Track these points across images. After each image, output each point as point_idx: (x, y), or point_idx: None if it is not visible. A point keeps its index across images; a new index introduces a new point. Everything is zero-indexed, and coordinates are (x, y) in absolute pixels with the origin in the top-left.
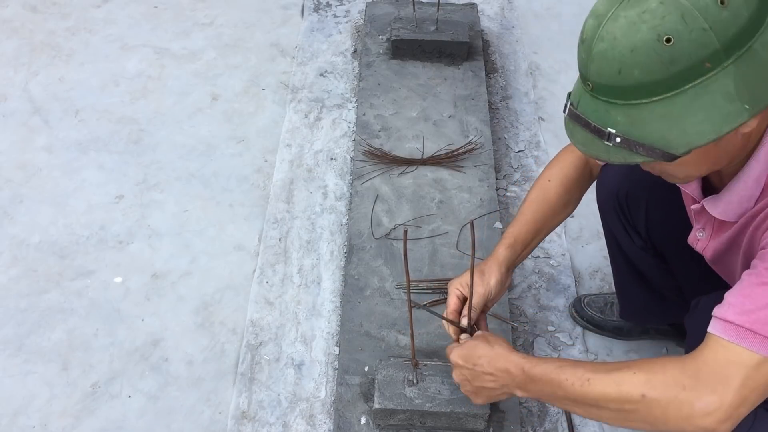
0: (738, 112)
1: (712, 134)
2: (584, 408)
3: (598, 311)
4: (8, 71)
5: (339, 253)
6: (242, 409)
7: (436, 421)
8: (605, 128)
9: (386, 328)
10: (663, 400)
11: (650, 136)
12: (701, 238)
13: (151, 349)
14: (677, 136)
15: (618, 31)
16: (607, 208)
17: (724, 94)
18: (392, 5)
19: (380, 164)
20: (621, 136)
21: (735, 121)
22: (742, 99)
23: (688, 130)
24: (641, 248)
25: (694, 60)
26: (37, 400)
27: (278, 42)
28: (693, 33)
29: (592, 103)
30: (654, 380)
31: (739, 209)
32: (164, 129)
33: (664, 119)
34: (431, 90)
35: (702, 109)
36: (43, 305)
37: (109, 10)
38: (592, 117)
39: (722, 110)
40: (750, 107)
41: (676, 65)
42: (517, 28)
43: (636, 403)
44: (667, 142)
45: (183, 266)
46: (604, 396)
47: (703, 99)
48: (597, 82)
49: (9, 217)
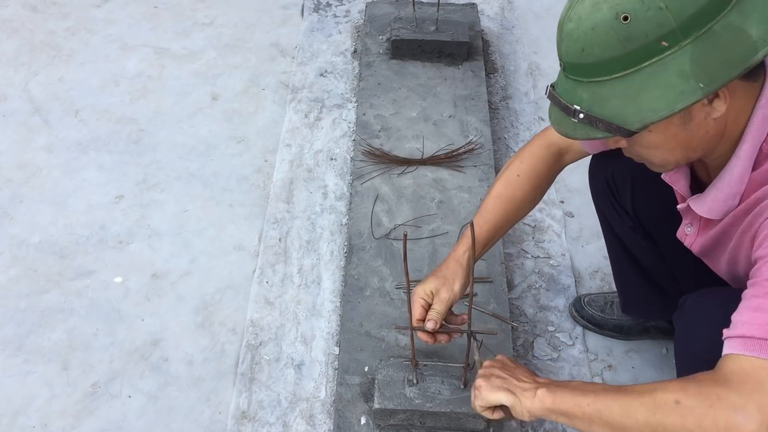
0: (692, 90)
1: (666, 110)
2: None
3: (599, 310)
4: (8, 71)
5: (339, 253)
6: (242, 409)
7: (436, 421)
8: (571, 105)
9: (386, 328)
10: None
11: (609, 111)
12: (689, 233)
13: (151, 349)
14: (633, 112)
15: (583, 12)
16: (599, 191)
17: (679, 72)
18: (392, 5)
19: (380, 164)
20: (584, 113)
21: (688, 98)
22: (697, 78)
23: (643, 106)
24: (631, 228)
25: (651, 38)
26: (37, 400)
27: (278, 42)
28: (649, 12)
29: (564, 82)
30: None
31: (724, 207)
32: (164, 129)
33: (622, 96)
34: (431, 90)
35: (657, 86)
36: (43, 305)
37: (109, 10)
38: (564, 96)
39: (676, 88)
40: (704, 86)
41: (633, 43)
42: (517, 28)
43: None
44: (624, 118)
45: (183, 266)
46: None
47: (659, 77)
48: (566, 61)
49: (9, 217)
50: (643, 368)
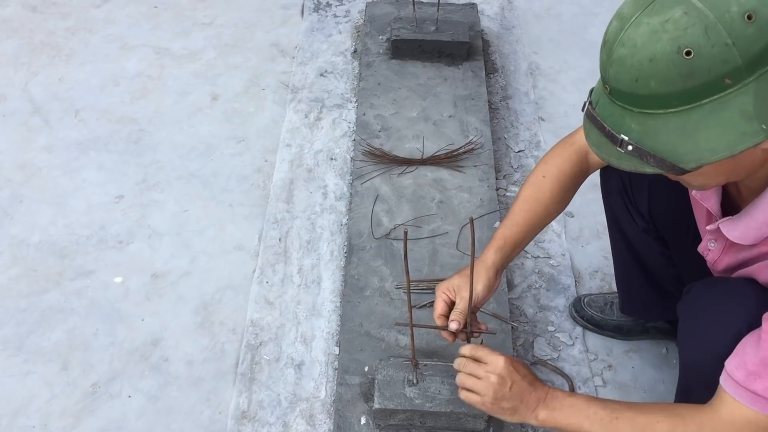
0: (754, 132)
1: (726, 152)
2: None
3: (598, 311)
4: (8, 71)
5: (339, 253)
6: (242, 409)
7: (436, 421)
8: (618, 134)
9: (386, 328)
10: None
11: (662, 147)
12: (713, 249)
13: (151, 349)
14: (689, 151)
15: (639, 39)
16: (611, 189)
17: (742, 112)
18: (392, 5)
19: (380, 164)
20: (633, 145)
21: (750, 140)
22: (761, 119)
23: (701, 145)
24: (643, 230)
25: (714, 75)
26: (37, 400)
27: (278, 42)
28: (715, 48)
29: (609, 106)
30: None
31: (757, 234)
32: (164, 129)
33: (677, 132)
34: (431, 90)
35: (717, 125)
36: (43, 305)
37: (109, 10)
38: (608, 121)
39: (738, 128)
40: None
41: (695, 79)
42: (517, 28)
43: None
44: (678, 156)
45: (183, 266)
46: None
47: (720, 115)
48: (614, 86)
49: (9, 217)
50: (643, 368)
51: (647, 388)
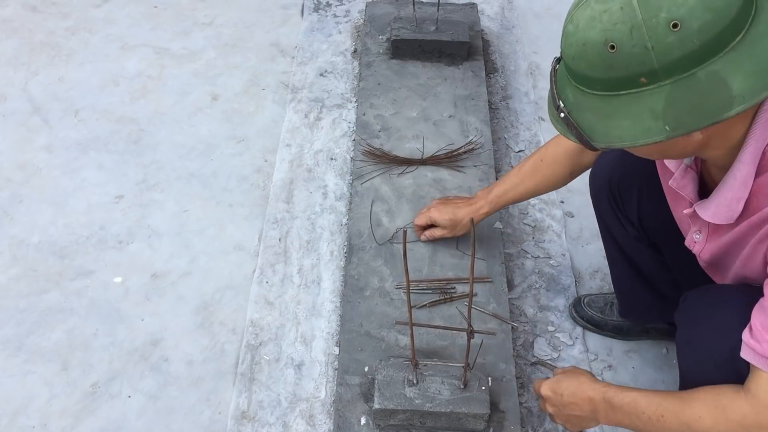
0: (658, 131)
1: (628, 142)
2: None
3: (598, 311)
4: (8, 71)
5: (339, 253)
6: (242, 409)
7: (436, 421)
8: (558, 99)
9: (386, 328)
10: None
11: (583, 122)
12: (698, 241)
13: (151, 349)
14: (601, 132)
15: (581, 21)
16: (600, 198)
17: (651, 110)
18: (392, 5)
19: (380, 164)
20: (565, 113)
21: (651, 137)
22: (665, 120)
23: (611, 131)
24: (635, 238)
25: (631, 72)
26: (37, 400)
27: (278, 42)
28: (635, 48)
29: (563, 70)
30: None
31: (728, 212)
32: (164, 129)
33: (597, 113)
34: (431, 90)
35: (628, 116)
36: (43, 305)
37: (109, 9)
38: (558, 83)
39: (644, 124)
40: (670, 130)
41: (614, 71)
42: (517, 28)
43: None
44: (592, 134)
45: (183, 266)
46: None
47: (632, 108)
48: (563, 57)
49: (9, 217)
50: (643, 368)
51: (647, 388)
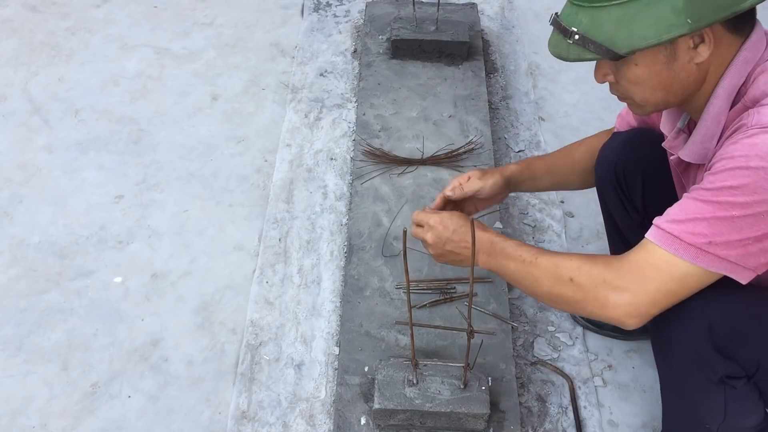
0: (680, 24)
1: (653, 39)
2: (525, 286)
3: None
4: (8, 71)
5: (339, 253)
6: (242, 409)
7: (436, 421)
8: (570, 28)
9: (386, 328)
10: (585, 286)
11: (602, 35)
12: None
13: (151, 349)
14: (624, 38)
15: None
16: (605, 183)
17: (673, 7)
18: (392, 5)
19: (380, 164)
20: (580, 34)
21: (675, 31)
22: (687, 14)
23: (634, 33)
24: (638, 225)
25: None
26: (37, 400)
27: (278, 42)
28: None
29: (568, 8)
30: (583, 268)
31: (702, 149)
32: (164, 129)
33: (617, 22)
34: (431, 90)
35: (650, 17)
36: (43, 305)
37: (109, 10)
38: (565, 20)
39: (667, 20)
40: (692, 22)
41: None
42: (517, 28)
43: (564, 285)
44: (614, 42)
45: (183, 266)
46: (544, 273)
47: (654, 8)
48: None
49: (9, 217)
50: (643, 368)
51: (647, 388)
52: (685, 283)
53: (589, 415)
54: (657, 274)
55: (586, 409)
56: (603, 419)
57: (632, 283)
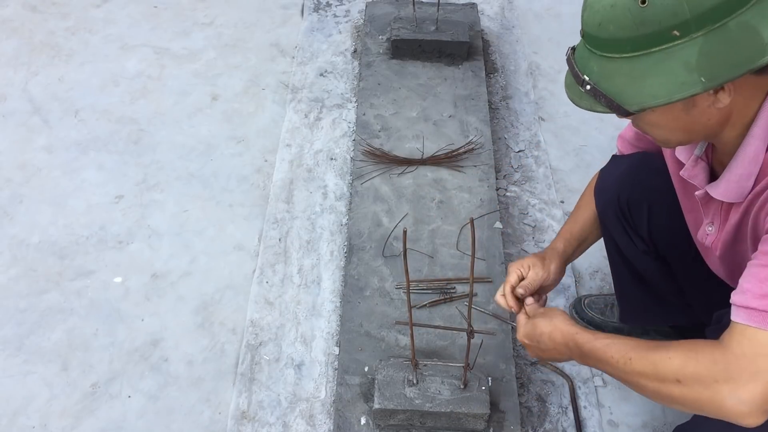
0: (693, 83)
1: (663, 98)
2: (629, 382)
3: (599, 312)
4: (8, 71)
5: (339, 253)
6: (242, 409)
7: (436, 421)
8: (582, 74)
9: (386, 328)
10: (695, 389)
11: (613, 89)
12: (710, 233)
13: (151, 349)
14: (634, 94)
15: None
16: (608, 214)
17: (685, 64)
18: (392, 5)
19: (380, 164)
20: (591, 85)
21: (687, 90)
22: (700, 72)
23: (645, 90)
24: (644, 252)
25: (664, 26)
26: (37, 400)
27: (278, 42)
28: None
29: (582, 49)
30: (687, 368)
31: (738, 189)
32: (164, 129)
33: (627, 76)
34: (431, 90)
35: (661, 73)
36: (43, 305)
37: (108, 10)
38: (578, 62)
39: (679, 78)
40: (706, 81)
41: (646, 27)
42: (517, 28)
43: (671, 387)
44: (624, 98)
45: (183, 266)
46: (644, 376)
47: (665, 64)
48: (586, 30)
49: (9, 217)
50: None
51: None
52: None
53: (589, 415)
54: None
55: (586, 409)
56: (603, 419)
57: (749, 380)
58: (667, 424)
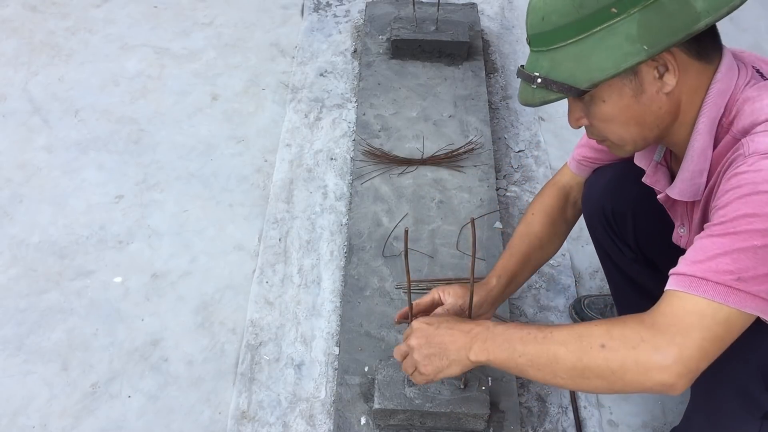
0: (636, 52)
1: (612, 69)
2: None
3: (598, 313)
4: (8, 71)
5: (339, 253)
6: (242, 409)
7: (436, 421)
8: (532, 74)
9: (386, 328)
10: (621, 352)
11: (563, 74)
12: (683, 234)
13: (151, 349)
14: (583, 73)
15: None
16: (594, 224)
17: (627, 36)
18: (392, 5)
19: (380, 164)
20: (542, 77)
21: (633, 59)
22: (642, 41)
23: (592, 66)
24: (633, 260)
25: (602, 4)
26: (37, 400)
27: (278, 42)
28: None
29: (530, 57)
30: (614, 331)
31: (692, 186)
32: (164, 129)
33: (575, 59)
34: (431, 90)
35: (606, 48)
36: (43, 305)
37: (108, 9)
38: (527, 68)
39: (623, 49)
40: (648, 48)
41: (586, 9)
42: (517, 28)
43: (594, 355)
44: (575, 79)
45: (183, 266)
46: (563, 346)
47: (609, 40)
48: (531, 33)
49: (9, 217)
50: None
51: None
52: (730, 325)
53: (589, 415)
54: (700, 320)
55: (586, 409)
56: (603, 419)
57: (675, 336)
58: (667, 424)
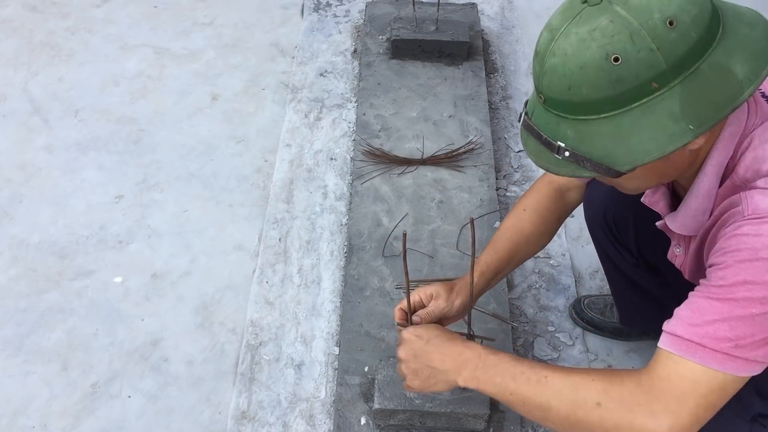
0: (682, 132)
1: (657, 153)
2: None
3: (598, 313)
4: (8, 71)
5: (339, 253)
6: (242, 409)
7: (436, 421)
8: (555, 141)
9: (386, 328)
10: (617, 414)
11: (597, 152)
12: (679, 254)
13: (151, 349)
14: (623, 154)
15: (569, 48)
16: (596, 228)
17: (670, 114)
18: (392, 5)
19: (380, 164)
20: (570, 150)
21: (679, 141)
22: (687, 119)
23: (634, 148)
24: (634, 265)
25: (641, 80)
26: (37, 400)
27: (278, 42)
28: (641, 53)
29: (544, 115)
30: (611, 391)
31: (694, 223)
32: (164, 129)
33: (611, 136)
34: (431, 90)
35: (648, 128)
36: (43, 305)
37: (108, 9)
38: (544, 129)
39: (667, 130)
40: (694, 128)
41: (623, 84)
42: (517, 27)
43: (589, 412)
44: (613, 159)
45: (183, 266)
46: (558, 396)
47: (649, 118)
48: (548, 95)
49: (9, 217)
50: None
51: None
52: (725, 392)
53: None
54: (695, 387)
55: None
56: None
57: (671, 403)
58: None
